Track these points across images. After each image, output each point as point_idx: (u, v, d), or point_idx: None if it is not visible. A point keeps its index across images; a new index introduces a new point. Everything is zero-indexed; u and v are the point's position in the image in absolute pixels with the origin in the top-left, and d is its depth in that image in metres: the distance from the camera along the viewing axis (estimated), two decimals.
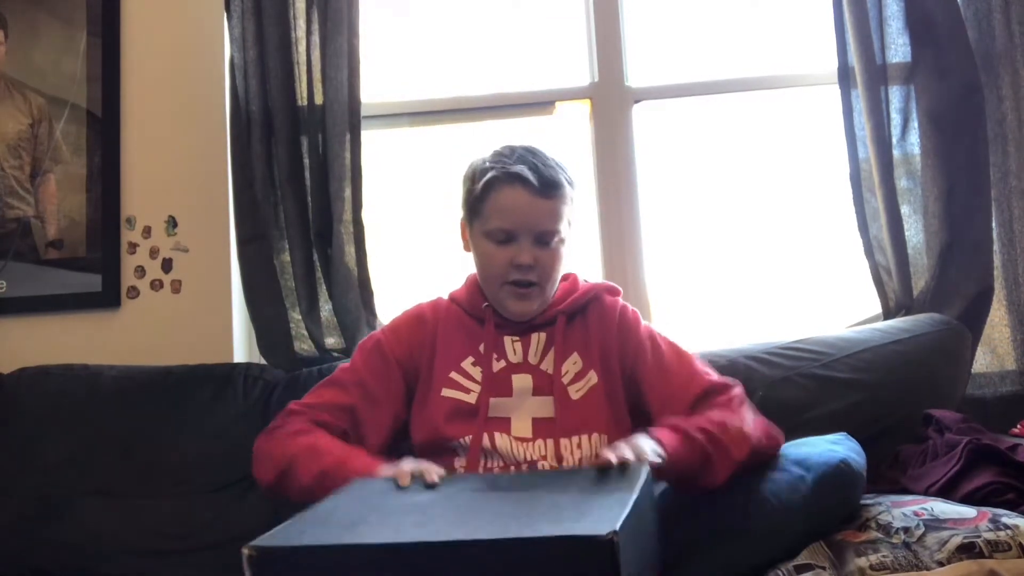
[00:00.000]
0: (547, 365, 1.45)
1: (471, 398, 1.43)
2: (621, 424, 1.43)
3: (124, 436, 1.82)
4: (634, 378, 1.45)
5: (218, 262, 2.10)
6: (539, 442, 1.40)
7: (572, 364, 1.45)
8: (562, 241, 1.44)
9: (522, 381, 1.44)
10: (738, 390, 1.41)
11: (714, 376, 1.44)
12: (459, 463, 1.40)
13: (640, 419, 1.43)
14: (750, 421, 1.35)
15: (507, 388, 1.43)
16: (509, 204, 1.40)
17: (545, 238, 1.41)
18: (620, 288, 1.57)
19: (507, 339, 1.47)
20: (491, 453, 1.39)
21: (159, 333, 2.07)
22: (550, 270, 1.43)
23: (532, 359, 1.46)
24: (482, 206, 1.43)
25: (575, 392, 1.43)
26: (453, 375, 1.45)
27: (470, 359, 1.46)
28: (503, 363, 1.45)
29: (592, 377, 1.44)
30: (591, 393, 1.43)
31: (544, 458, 1.38)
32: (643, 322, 1.51)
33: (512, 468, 1.38)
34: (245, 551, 0.96)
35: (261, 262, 2.04)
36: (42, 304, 2.09)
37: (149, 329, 2.08)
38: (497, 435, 1.40)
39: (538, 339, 1.46)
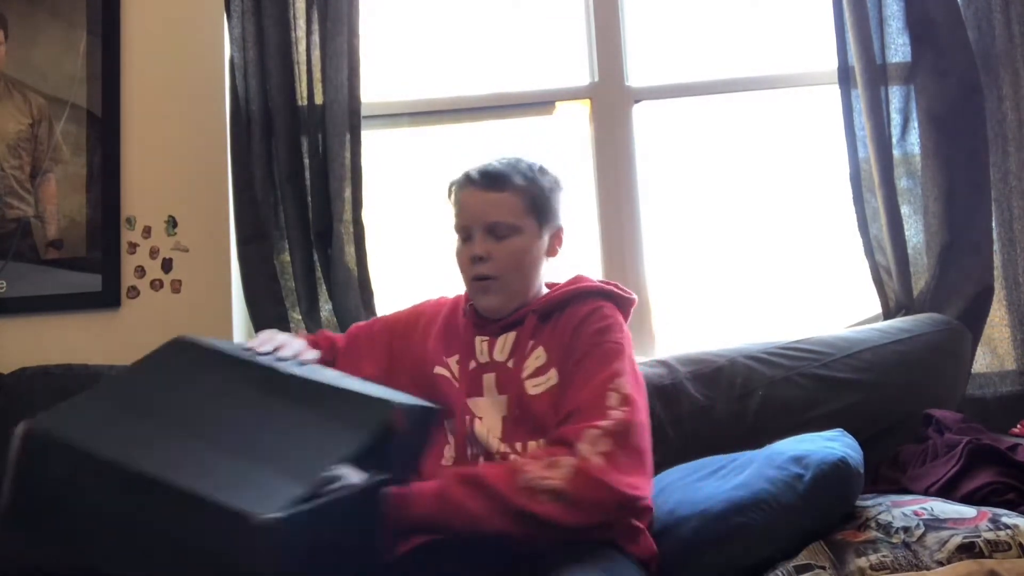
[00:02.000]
0: (513, 362, 1.45)
1: (456, 386, 1.47)
2: None
3: None
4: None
5: (218, 262, 2.10)
6: (508, 443, 1.40)
7: (535, 359, 1.43)
8: (523, 235, 1.45)
9: (488, 380, 1.45)
10: (601, 424, 1.28)
11: (604, 401, 1.32)
12: (448, 452, 1.44)
13: None
14: (565, 470, 1.24)
15: (479, 388, 1.46)
16: (462, 201, 1.49)
17: (496, 231, 1.45)
18: (628, 295, 1.50)
19: (477, 339, 1.49)
20: (474, 441, 1.43)
21: (159, 333, 2.04)
22: (506, 263, 1.45)
23: (498, 356, 1.46)
24: (453, 209, 1.52)
25: (533, 388, 1.41)
26: (445, 358, 1.51)
27: (456, 356, 1.50)
28: (474, 363, 1.48)
29: (552, 376, 1.41)
30: (549, 393, 1.40)
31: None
32: (610, 329, 1.43)
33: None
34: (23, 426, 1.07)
35: (261, 262, 2.04)
36: (42, 304, 2.09)
37: (149, 329, 2.08)
38: (476, 428, 1.43)
39: (507, 338, 1.47)
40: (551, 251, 1.51)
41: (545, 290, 1.53)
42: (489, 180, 1.46)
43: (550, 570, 1.20)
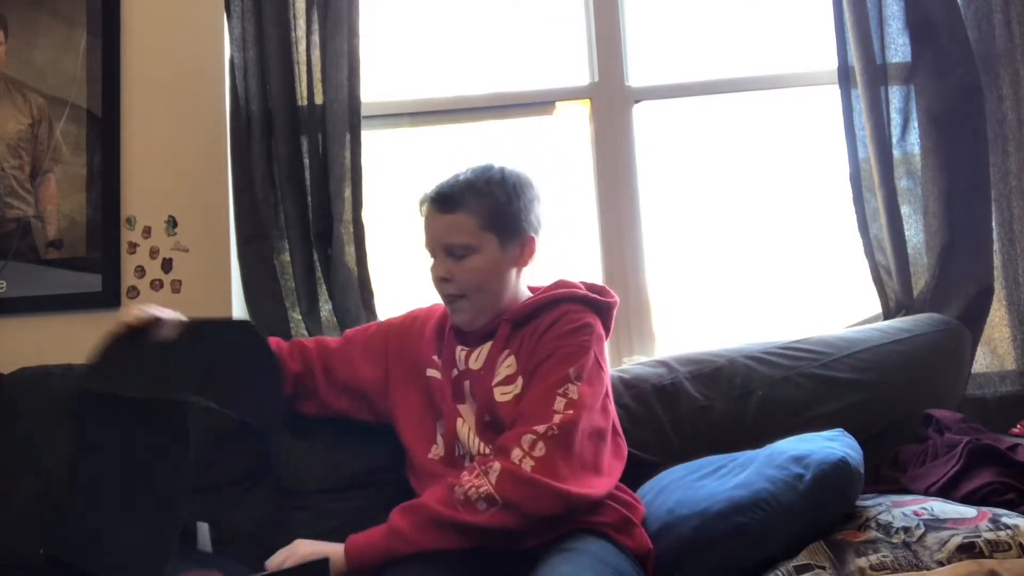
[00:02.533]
0: (485, 370, 1.49)
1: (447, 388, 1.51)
2: None
3: None
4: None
5: (218, 262, 2.10)
6: (486, 446, 1.44)
7: (506, 368, 1.46)
8: (482, 253, 1.46)
9: (467, 387, 1.50)
10: (538, 429, 1.33)
11: (547, 406, 1.36)
12: (435, 450, 1.49)
13: None
14: (494, 475, 1.30)
15: (461, 394, 1.50)
16: (425, 222, 1.52)
17: (453, 251, 1.47)
18: (610, 300, 1.51)
19: (458, 348, 1.53)
20: (460, 442, 1.47)
21: None
22: (467, 282, 1.47)
23: (472, 365, 1.50)
24: None
25: (501, 395, 1.45)
26: (435, 358, 1.55)
27: (442, 362, 1.54)
28: (455, 371, 1.52)
29: (518, 384, 1.44)
30: (514, 400, 1.43)
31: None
32: (576, 333, 1.44)
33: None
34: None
35: (261, 262, 2.04)
36: (42, 304, 2.09)
37: None
38: (459, 429, 1.47)
39: (483, 348, 1.50)
40: (521, 261, 1.51)
41: (525, 295, 1.54)
42: (441, 201, 1.48)
43: (539, 562, 1.25)
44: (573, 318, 1.46)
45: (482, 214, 1.46)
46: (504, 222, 1.47)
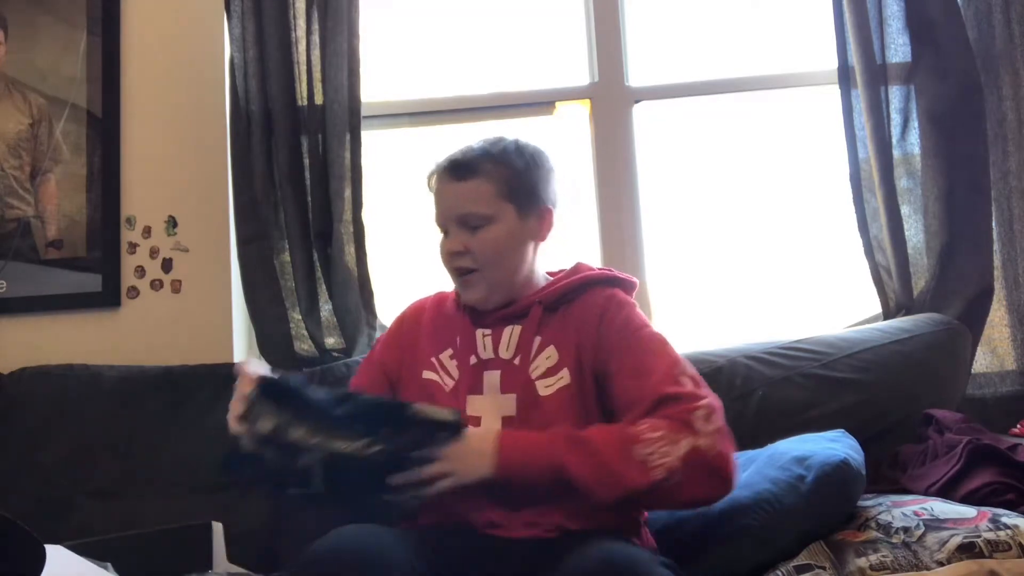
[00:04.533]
0: (520, 359, 1.38)
1: (448, 387, 1.41)
2: (593, 423, 1.31)
3: (124, 436, 1.82)
4: (606, 377, 1.34)
5: (218, 262, 2.10)
6: None
7: (546, 359, 1.36)
8: (499, 223, 1.37)
9: (492, 378, 1.38)
10: (702, 403, 1.25)
11: (684, 386, 1.28)
12: None
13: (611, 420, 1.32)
14: (683, 449, 1.19)
15: (479, 385, 1.38)
16: (436, 194, 1.43)
17: (470, 221, 1.38)
18: (631, 279, 1.47)
19: (479, 332, 1.41)
20: None
21: (159, 333, 2.07)
22: (484, 254, 1.38)
23: (504, 354, 1.38)
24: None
25: (544, 388, 1.35)
26: (433, 359, 1.44)
27: (448, 351, 1.43)
28: (475, 359, 1.40)
29: (565, 376, 1.35)
30: (561, 392, 1.34)
31: None
32: (636, 316, 1.39)
33: None
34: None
35: (261, 262, 2.04)
36: (42, 304, 2.09)
37: (149, 329, 2.08)
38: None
39: (511, 332, 1.39)
40: (539, 235, 1.42)
41: (544, 279, 1.46)
42: (456, 169, 1.39)
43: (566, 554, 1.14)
44: (622, 301, 1.40)
45: (499, 181, 1.38)
46: (522, 191, 1.39)
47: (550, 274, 1.48)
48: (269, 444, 1.23)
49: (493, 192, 1.37)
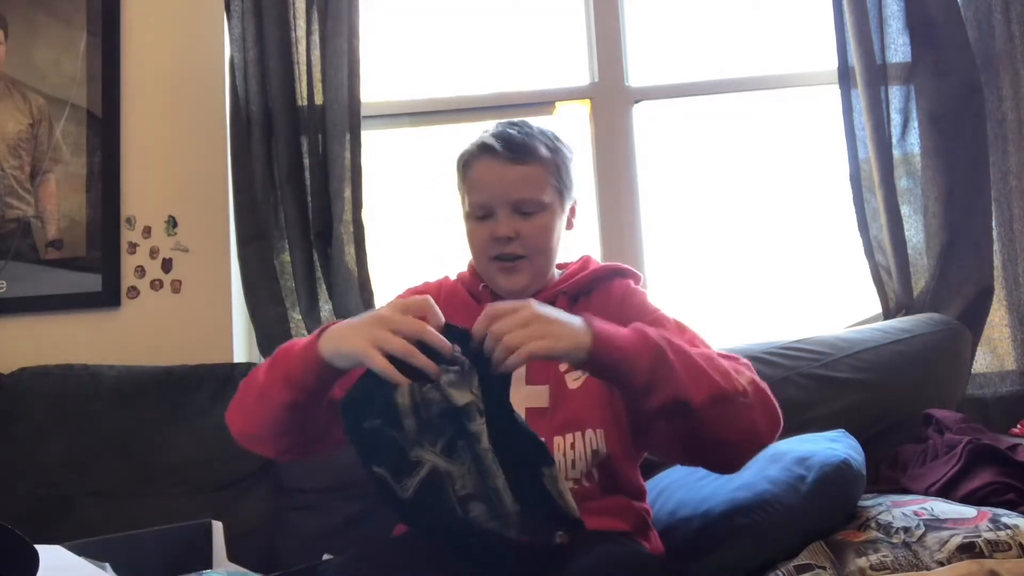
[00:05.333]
0: None
1: None
2: (620, 418, 1.31)
3: (124, 436, 1.82)
4: None
5: (218, 262, 2.10)
6: None
7: None
8: (550, 211, 1.35)
9: (522, 371, 1.32)
10: (746, 362, 1.25)
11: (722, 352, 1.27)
12: None
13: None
14: (747, 377, 1.19)
15: None
16: (481, 176, 1.35)
17: (523, 207, 1.33)
18: (638, 272, 1.46)
19: None
20: None
21: (159, 333, 2.07)
22: (535, 241, 1.34)
23: None
24: (463, 186, 1.39)
25: (573, 381, 1.33)
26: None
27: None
28: None
29: None
30: (589, 384, 1.32)
31: None
32: (650, 303, 1.39)
33: None
34: None
35: (261, 262, 2.04)
36: (42, 304, 2.09)
37: (149, 329, 2.08)
38: None
39: None
40: (569, 225, 1.42)
41: (556, 271, 1.44)
42: (513, 151, 1.32)
43: (570, 561, 1.11)
44: (635, 290, 1.39)
45: (553, 168, 1.34)
46: (567, 180, 1.37)
47: (559, 266, 1.47)
48: (417, 415, 1.05)
49: (548, 179, 1.34)
